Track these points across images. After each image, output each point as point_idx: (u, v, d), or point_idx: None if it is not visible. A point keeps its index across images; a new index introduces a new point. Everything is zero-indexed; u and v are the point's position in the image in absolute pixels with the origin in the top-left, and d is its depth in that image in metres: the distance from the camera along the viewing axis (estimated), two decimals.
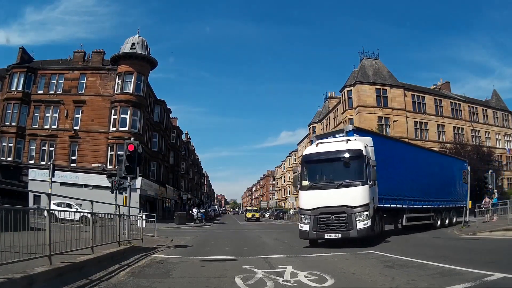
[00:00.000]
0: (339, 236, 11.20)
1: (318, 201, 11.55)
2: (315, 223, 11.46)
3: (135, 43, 34.27)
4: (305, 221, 11.79)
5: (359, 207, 11.14)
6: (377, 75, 41.26)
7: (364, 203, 11.22)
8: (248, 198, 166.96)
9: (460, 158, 26.09)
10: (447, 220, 20.47)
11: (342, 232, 11.17)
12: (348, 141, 12.35)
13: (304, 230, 11.85)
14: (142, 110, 34.37)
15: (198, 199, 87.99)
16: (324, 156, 12.26)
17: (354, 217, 11.06)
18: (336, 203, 11.29)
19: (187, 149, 68.69)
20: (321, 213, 11.43)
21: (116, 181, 20.00)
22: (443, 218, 20.09)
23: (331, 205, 11.36)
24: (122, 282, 6.17)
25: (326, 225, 11.41)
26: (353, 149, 11.98)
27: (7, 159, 33.11)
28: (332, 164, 12.23)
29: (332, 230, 11.31)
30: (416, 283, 5.67)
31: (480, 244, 12.31)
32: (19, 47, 36.79)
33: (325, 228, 11.40)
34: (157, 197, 40.53)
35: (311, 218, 11.56)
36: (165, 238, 15.49)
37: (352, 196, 11.26)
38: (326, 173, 12.30)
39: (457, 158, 25.58)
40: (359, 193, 11.29)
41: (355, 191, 11.33)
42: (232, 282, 6.06)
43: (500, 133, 46.85)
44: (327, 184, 11.82)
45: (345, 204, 11.21)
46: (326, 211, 11.38)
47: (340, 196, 11.31)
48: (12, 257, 4.86)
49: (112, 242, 9.20)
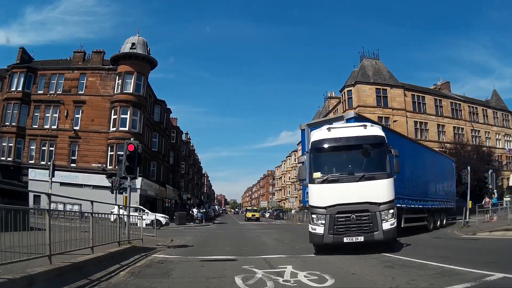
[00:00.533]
0: (361, 240, 9.29)
1: (335, 197, 9.51)
2: (331, 224, 9.36)
3: (135, 43, 34.28)
4: (318, 222, 9.56)
5: (385, 204, 9.41)
6: (377, 75, 41.26)
7: (390, 199, 9.53)
8: (248, 198, 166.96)
9: (448, 156, 25.93)
10: (438, 222, 19.81)
11: (365, 235, 9.27)
12: (366, 127, 10.62)
13: (316, 233, 9.58)
14: (142, 110, 34.38)
15: (198, 199, 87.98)
16: (339, 143, 10.17)
17: (379, 216, 9.27)
18: (358, 200, 9.40)
19: (187, 149, 68.69)
20: (339, 212, 9.38)
21: (116, 181, 20.04)
22: (435, 219, 19.43)
23: (351, 202, 9.40)
24: (122, 282, 6.18)
25: (345, 227, 9.37)
26: (374, 135, 10.20)
27: (7, 159, 33.11)
28: (349, 152, 10.28)
29: (353, 232, 9.33)
30: (416, 283, 5.67)
31: (480, 244, 12.30)
32: (19, 47, 36.86)
33: (344, 230, 9.36)
34: (157, 197, 40.54)
35: (326, 218, 9.42)
36: (165, 238, 15.50)
37: (377, 191, 9.48)
38: (341, 164, 10.26)
39: (446, 156, 25.32)
40: (385, 187, 9.55)
41: (379, 185, 9.53)
42: (232, 282, 6.06)
43: (500, 133, 46.84)
44: (345, 176, 9.75)
45: (368, 201, 9.38)
46: (345, 210, 9.38)
47: (362, 191, 9.46)
48: (12, 257, 4.86)
49: (112, 242, 9.21)
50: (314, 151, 10.27)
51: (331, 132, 10.40)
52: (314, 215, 9.73)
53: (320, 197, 9.79)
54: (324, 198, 9.67)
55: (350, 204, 9.41)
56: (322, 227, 9.49)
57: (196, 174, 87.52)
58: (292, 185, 76.18)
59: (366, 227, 9.31)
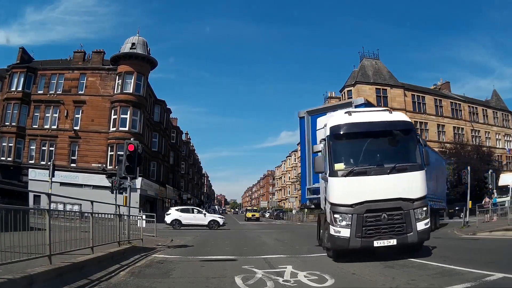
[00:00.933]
0: (394, 243, 7.90)
1: (363, 193, 8.08)
2: (359, 225, 7.89)
3: (135, 43, 34.29)
4: (343, 222, 8.01)
5: (418, 200, 8.19)
6: (377, 75, 41.29)
7: (423, 194, 8.35)
8: (248, 198, 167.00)
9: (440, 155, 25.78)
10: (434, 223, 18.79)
11: (397, 237, 7.91)
12: (392, 111, 9.44)
13: (341, 237, 7.97)
14: (142, 110, 34.39)
15: (198, 199, 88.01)
16: (364, 129, 8.72)
17: (412, 214, 8.00)
18: (389, 195, 8.09)
19: (187, 149, 68.72)
20: (368, 211, 7.97)
21: (116, 181, 20.01)
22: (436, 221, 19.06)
23: (382, 199, 8.06)
24: (122, 282, 6.18)
25: (375, 228, 7.97)
26: (403, 121, 8.97)
27: (7, 159, 33.11)
28: (375, 140, 8.86)
29: (384, 234, 7.95)
30: (416, 283, 5.67)
31: (480, 244, 12.30)
32: (19, 47, 36.88)
33: (374, 232, 7.94)
34: (157, 197, 40.54)
35: (352, 218, 7.94)
36: (165, 238, 15.49)
37: (410, 185, 8.23)
38: (366, 153, 8.77)
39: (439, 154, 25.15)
40: (418, 180, 8.33)
41: (413, 178, 8.29)
42: (232, 282, 6.06)
43: (500, 133, 46.87)
44: (374, 168, 8.32)
45: (401, 197, 8.11)
46: (376, 207, 8.01)
47: (394, 185, 8.14)
48: (12, 257, 4.86)
49: (112, 242, 9.21)
50: (334, 138, 8.61)
51: (352, 117, 8.87)
52: (337, 215, 8.13)
53: (344, 193, 8.23)
54: (349, 194, 8.17)
55: (381, 201, 8.06)
56: (348, 229, 7.93)
57: (196, 174, 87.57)
58: (292, 185, 76.20)
59: (399, 228, 7.97)
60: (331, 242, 8.33)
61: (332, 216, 8.21)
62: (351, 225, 7.93)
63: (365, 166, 8.35)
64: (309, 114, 12.53)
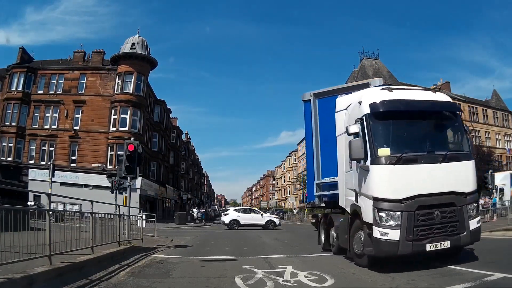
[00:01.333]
0: (447, 246, 6.65)
1: (413, 185, 6.69)
2: (410, 225, 6.48)
3: (135, 43, 34.32)
4: (391, 222, 6.52)
5: (471, 194, 6.98)
6: (377, 75, 41.23)
7: (475, 188, 7.14)
8: (248, 198, 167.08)
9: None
10: None
11: (451, 238, 6.66)
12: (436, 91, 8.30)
13: (389, 241, 6.46)
14: (142, 110, 34.41)
15: (198, 199, 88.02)
16: (411, 107, 7.24)
17: (465, 211, 6.79)
18: (441, 189, 6.78)
19: (187, 149, 68.72)
20: (420, 207, 6.58)
21: (116, 181, 20.01)
22: None
23: (434, 192, 6.73)
24: (122, 282, 6.18)
25: (427, 228, 6.59)
26: (450, 102, 7.80)
27: (7, 159, 33.14)
28: (422, 122, 7.51)
29: (438, 235, 6.62)
30: (416, 283, 5.67)
31: (480, 244, 12.25)
32: (19, 47, 36.96)
33: (427, 234, 6.56)
34: (157, 197, 40.56)
35: (402, 216, 6.49)
36: (165, 238, 15.49)
37: (462, 176, 6.96)
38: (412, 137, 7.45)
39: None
40: (470, 171, 7.10)
41: (465, 168, 7.05)
42: (232, 282, 6.06)
43: (500, 133, 46.88)
44: (425, 155, 6.96)
45: (454, 190, 6.83)
46: (428, 203, 6.63)
47: (446, 176, 6.83)
48: (12, 257, 4.86)
49: (112, 242, 9.21)
50: (374, 117, 7.09)
51: (393, 93, 7.42)
52: (383, 213, 6.60)
53: (391, 185, 6.73)
54: (398, 186, 6.71)
55: (432, 195, 6.73)
56: (397, 230, 6.46)
57: (196, 174, 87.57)
58: (292, 185, 76.23)
59: (452, 228, 6.73)
60: (375, 247, 6.67)
61: (377, 215, 6.64)
62: (401, 226, 6.49)
63: (415, 153, 6.95)
64: (316, 97, 10.72)
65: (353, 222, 7.73)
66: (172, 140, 52.49)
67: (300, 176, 57.93)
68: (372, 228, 6.68)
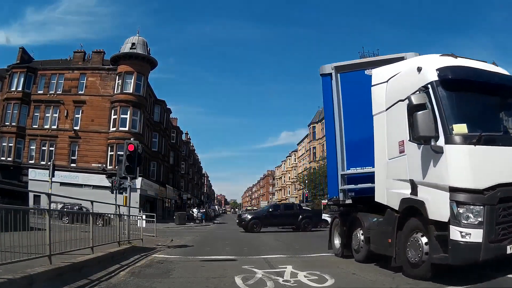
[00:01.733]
0: None
1: (493, 172, 5.43)
2: (492, 222, 5.19)
3: (135, 43, 34.32)
4: (471, 220, 5.18)
5: None
6: None
7: None
8: (248, 198, 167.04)
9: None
10: None
11: None
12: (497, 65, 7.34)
13: (468, 243, 5.12)
14: (142, 110, 34.41)
15: (198, 199, 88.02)
16: (484, 78, 6.03)
17: None
18: None
19: (187, 149, 68.73)
20: (501, 200, 5.31)
21: (116, 181, 19.99)
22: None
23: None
24: (122, 282, 6.17)
25: (508, 226, 5.34)
26: None
27: (7, 159, 33.14)
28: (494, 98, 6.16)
29: None
30: (416, 283, 5.67)
31: None
32: (19, 47, 36.97)
33: (507, 233, 5.32)
34: (157, 197, 40.56)
35: (484, 211, 5.18)
36: (165, 238, 15.48)
37: None
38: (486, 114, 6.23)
39: None
40: None
41: None
42: (232, 282, 6.06)
43: None
44: (502, 135, 5.81)
45: None
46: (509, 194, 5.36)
47: None
48: (12, 257, 4.86)
49: (112, 242, 9.22)
50: (442, 86, 5.74)
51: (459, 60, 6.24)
52: (462, 208, 5.22)
53: (472, 171, 5.35)
54: (479, 173, 5.37)
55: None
56: (480, 230, 5.13)
57: (196, 174, 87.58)
58: (292, 185, 76.18)
59: None
60: (453, 253, 5.21)
61: (455, 210, 5.22)
62: (484, 223, 5.14)
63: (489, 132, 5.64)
64: (337, 71, 9.06)
65: (404, 221, 6.26)
66: (172, 140, 52.50)
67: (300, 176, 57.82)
68: (449, 228, 5.22)
